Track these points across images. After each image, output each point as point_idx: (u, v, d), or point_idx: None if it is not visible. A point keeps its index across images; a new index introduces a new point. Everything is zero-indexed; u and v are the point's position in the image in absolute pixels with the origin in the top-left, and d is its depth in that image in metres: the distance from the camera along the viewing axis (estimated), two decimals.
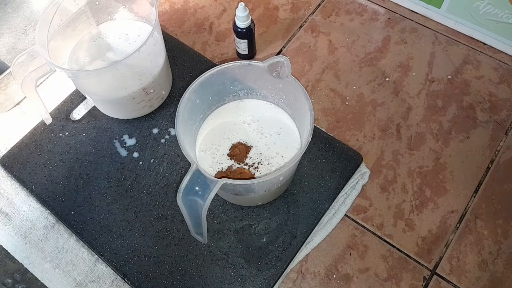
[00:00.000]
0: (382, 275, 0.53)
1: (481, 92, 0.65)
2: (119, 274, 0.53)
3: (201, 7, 0.75)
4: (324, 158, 0.58)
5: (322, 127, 0.63)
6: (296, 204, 0.55)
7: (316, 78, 0.67)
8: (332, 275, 0.53)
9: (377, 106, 0.64)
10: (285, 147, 0.51)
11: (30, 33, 0.60)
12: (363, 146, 0.61)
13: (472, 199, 0.57)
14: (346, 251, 0.54)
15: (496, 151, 0.60)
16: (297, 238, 0.53)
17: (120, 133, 0.61)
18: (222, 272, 0.52)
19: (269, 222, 0.54)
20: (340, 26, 0.72)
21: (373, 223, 0.56)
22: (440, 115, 0.63)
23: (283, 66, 0.45)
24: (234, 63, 0.47)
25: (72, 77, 0.54)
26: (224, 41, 0.71)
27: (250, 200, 0.54)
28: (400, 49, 0.69)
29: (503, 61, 0.67)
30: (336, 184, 0.56)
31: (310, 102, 0.44)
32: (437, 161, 0.60)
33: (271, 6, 0.75)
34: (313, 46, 0.70)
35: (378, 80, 0.66)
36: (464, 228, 0.55)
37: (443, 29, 0.71)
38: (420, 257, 0.54)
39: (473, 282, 0.52)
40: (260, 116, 0.53)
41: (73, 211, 0.56)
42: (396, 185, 0.58)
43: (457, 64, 0.67)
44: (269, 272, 0.52)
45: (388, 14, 0.73)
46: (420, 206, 0.57)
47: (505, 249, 0.54)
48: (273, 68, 0.46)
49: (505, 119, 0.62)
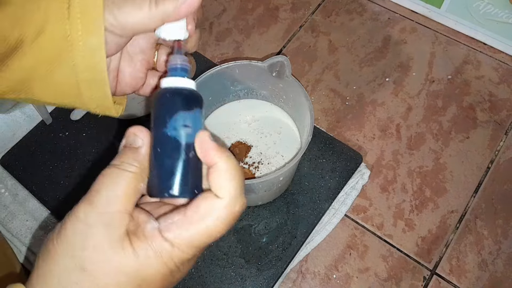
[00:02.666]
0: (382, 275, 0.53)
1: (481, 92, 0.65)
2: None
3: (201, 7, 0.75)
4: (324, 158, 0.58)
5: (322, 127, 0.63)
6: (296, 204, 0.55)
7: (316, 78, 0.67)
8: (332, 275, 0.53)
9: (377, 106, 0.64)
10: (285, 146, 0.51)
11: None
12: (363, 146, 0.61)
13: (472, 199, 0.57)
14: (346, 251, 0.54)
15: (496, 151, 0.60)
16: (297, 238, 0.53)
17: (120, 133, 0.61)
18: (222, 272, 0.52)
19: (269, 222, 0.54)
20: (340, 26, 0.72)
21: (373, 223, 0.56)
22: (440, 115, 0.63)
23: (283, 66, 0.45)
24: (234, 63, 0.47)
25: None
26: (224, 41, 0.71)
27: (250, 200, 0.54)
28: (400, 49, 0.69)
29: (503, 61, 0.67)
30: (336, 184, 0.56)
31: (310, 102, 0.44)
32: (437, 161, 0.60)
33: (271, 6, 0.75)
34: (313, 46, 0.70)
35: (378, 80, 0.66)
36: (464, 228, 0.55)
37: (443, 29, 0.71)
38: (420, 257, 0.54)
39: (473, 282, 0.52)
40: (260, 116, 0.53)
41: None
42: (396, 185, 0.58)
43: (457, 64, 0.67)
44: (269, 272, 0.52)
45: (388, 14, 0.73)
46: (420, 206, 0.57)
47: (505, 249, 0.54)
48: (273, 68, 0.46)
49: (505, 119, 0.62)
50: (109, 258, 0.22)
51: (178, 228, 0.23)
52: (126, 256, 0.22)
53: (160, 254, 0.23)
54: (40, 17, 0.24)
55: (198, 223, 0.23)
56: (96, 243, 0.22)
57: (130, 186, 0.23)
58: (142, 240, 0.23)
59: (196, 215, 0.23)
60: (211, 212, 0.23)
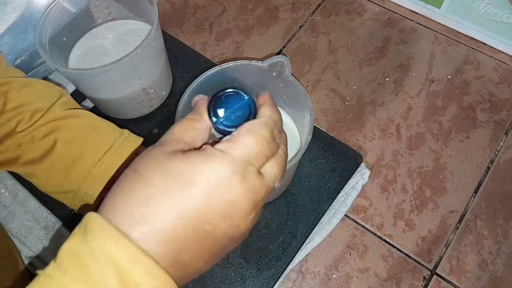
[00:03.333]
0: (382, 275, 0.53)
1: (481, 92, 0.65)
2: None
3: (201, 7, 0.75)
4: (324, 158, 0.58)
5: (322, 127, 0.63)
6: (296, 204, 0.55)
7: (316, 78, 0.67)
8: (332, 275, 0.53)
9: (377, 106, 0.64)
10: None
11: (30, 33, 0.60)
12: (363, 146, 0.61)
13: (472, 199, 0.57)
14: (346, 251, 0.54)
15: (496, 151, 0.60)
16: (297, 238, 0.53)
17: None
18: (222, 272, 0.52)
19: (269, 222, 0.54)
20: (340, 26, 0.72)
21: (373, 223, 0.56)
22: (440, 115, 0.63)
23: (283, 66, 0.45)
24: (234, 63, 0.47)
25: (72, 77, 0.54)
26: (224, 41, 0.71)
27: None
28: (400, 49, 0.69)
29: (503, 61, 0.67)
30: (336, 184, 0.56)
31: (310, 102, 0.44)
32: (437, 161, 0.60)
33: (271, 6, 0.75)
34: (313, 46, 0.70)
35: (378, 80, 0.66)
36: (464, 228, 0.55)
37: (443, 29, 0.71)
38: (420, 257, 0.54)
39: (473, 282, 0.52)
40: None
41: (73, 211, 0.56)
42: (396, 185, 0.58)
43: (457, 64, 0.67)
44: (269, 272, 0.52)
45: (388, 14, 0.73)
46: (420, 206, 0.57)
47: (505, 249, 0.54)
48: (273, 68, 0.46)
49: (505, 119, 0.62)
50: (158, 161, 0.24)
51: (227, 141, 0.25)
52: (175, 158, 0.24)
53: (210, 158, 0.24)
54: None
55: (244, 136, 0.26)
56: (151, 154, 0.25)
57: (184, 123, 0.27)
58: (194, 151, 0.25)
59: (240, 132, 0.26)
60: (253, 129, 0.26)
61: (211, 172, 0.24)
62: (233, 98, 0.28)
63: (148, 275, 0.22)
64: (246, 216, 0.25)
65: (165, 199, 0.23)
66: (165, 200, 0.23)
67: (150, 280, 0.22)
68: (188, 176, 0.24)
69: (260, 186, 0.25)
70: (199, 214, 0.23)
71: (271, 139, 0.26)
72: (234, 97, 0.29)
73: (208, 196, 0.23)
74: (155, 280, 0.22)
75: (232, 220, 0.25)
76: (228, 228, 0.25)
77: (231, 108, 0.28)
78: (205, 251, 0.25)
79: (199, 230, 0.24)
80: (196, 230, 0.24)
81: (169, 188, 0.23)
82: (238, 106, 0.28)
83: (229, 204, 0.24)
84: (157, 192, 0.23)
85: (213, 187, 0.24)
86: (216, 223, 0.24)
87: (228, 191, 0.24)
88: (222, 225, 0.24)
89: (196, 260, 0.25)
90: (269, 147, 0.26)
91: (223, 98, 0.29)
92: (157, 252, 0.23)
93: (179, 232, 0.23)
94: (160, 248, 0.23)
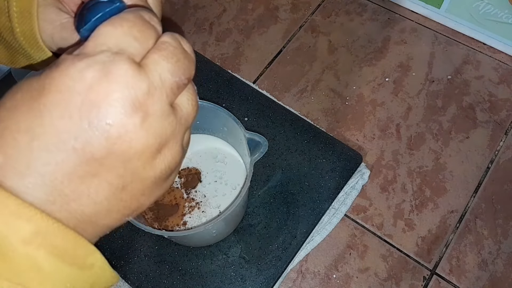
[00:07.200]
0: (382, 275, 0.53)
1: (481, 92, 0.65)
2: (119, 274, 0.53)
3: (201, 7, 0.75)
4: (324, 158, 0.58)
5: (322, 127, 0.63)
6: (296, 204, 0.55)
7: (316, 78, 0.67)
8: (332, 275, 0.53)
9: (377, 106, 0.64)
10: (231, 176, 0.53)
11: None
12: (363, 146, 0.61)
13: (472, 199, 0.57)
14: (346, 251, 0.54)
15: (496, 151, 0.60)
16: (297, 238, 0.53)
17: None
18: (222, 272, 0.52)
19: (269, 222, 0.54)
20: (340, 26, 0.72)
21: (373, 223, 0.56)
22: (440, 115, 0.63)
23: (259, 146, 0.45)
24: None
25: None
26: (224, 41, 0.71)
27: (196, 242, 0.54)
28: (400, 49, 0.69)
29: (503, 61, 0.67)
30: (336, 184, 0.56)
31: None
32: (437, 161, 0.60)
33: (271, 6, 0.75)
34: (313, 46, 0.70)
35: (378, 80, 0.66)
36: (464, 228, 0.55)
37: (443, 29, 0.71)
38: (420, 257, 0.54)
39: (473, 282, 0.52)
40: (199, 149, 0.54)
41: None
42: (396, 185, 0.58)
43: (457, 64, 0.67)
44: (269, 272, 0.52)
45: (388, 14, 0.73)
46: (420, 206, 0.57)
47: (505, 249, 0.54)
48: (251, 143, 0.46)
49: (505, 119, 0.62)
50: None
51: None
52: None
53: (58, 65, 0.19)
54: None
55: (100, 28, 0.20)
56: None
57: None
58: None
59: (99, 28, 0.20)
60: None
61: (62, 78, 0.18)
62: (101, 5, 0.24)
63: (15, 217, 0.17)
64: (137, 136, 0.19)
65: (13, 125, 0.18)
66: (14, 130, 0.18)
67: (20, 223, 0.17)
68: (37, 90, 0.18)
69: (139, 82, 0.19)
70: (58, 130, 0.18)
71: (140, 21, 0.20)
72: (103, 4, 0.24)
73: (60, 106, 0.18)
74: (28, 223, 0.17)
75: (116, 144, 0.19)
76: (110, 145, 0.19)
77: (98, 14, 0.24)
78: (91, 177, 0.19)
79: (68, 147, 0.18)
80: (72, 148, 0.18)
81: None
82: (107, 12, 0.24)
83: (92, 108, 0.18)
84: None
85: (67, 93, 0.18)
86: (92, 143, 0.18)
87: (92, 92, 0.18)
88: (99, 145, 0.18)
89: (88, 193, 0.19)
90: (140, 29, 0.20)
91: (91, 7, 0.25)
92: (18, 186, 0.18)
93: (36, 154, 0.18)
94: (22, 181, 0.18)
